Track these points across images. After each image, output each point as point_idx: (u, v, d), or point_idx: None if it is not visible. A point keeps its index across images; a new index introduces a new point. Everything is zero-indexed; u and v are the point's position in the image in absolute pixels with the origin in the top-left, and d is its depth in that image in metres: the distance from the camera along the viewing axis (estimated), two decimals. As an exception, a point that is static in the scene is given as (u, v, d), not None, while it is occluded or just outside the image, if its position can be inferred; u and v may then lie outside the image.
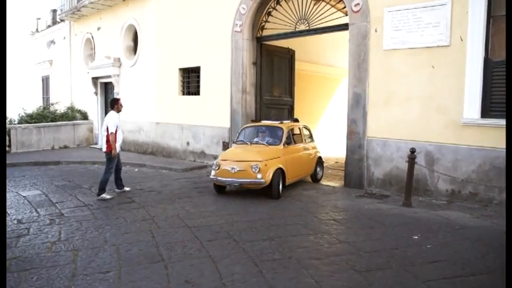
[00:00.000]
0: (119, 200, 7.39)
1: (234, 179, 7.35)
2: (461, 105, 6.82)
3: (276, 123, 8.51)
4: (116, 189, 8.02)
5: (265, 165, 7.24)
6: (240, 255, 4.61)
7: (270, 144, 7.92)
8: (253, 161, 7.29)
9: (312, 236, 5.29)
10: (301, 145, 8.57)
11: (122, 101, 8.22)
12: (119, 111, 7.95)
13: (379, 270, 4.16)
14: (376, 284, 3.85)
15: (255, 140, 8.26)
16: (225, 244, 4.98)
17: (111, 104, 8.05)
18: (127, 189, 8.11)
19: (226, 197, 7.63)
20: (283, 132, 8.03)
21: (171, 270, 4.22)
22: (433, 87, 7.13)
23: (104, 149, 7.79)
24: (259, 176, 7.17)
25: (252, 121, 9.46)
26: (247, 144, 8.16)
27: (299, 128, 8.83)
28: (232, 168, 7.29)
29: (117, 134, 7.73)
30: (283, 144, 7.86)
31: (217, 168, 7.50)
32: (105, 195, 7.52)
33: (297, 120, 9.20)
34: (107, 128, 7.72)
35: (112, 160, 7.75)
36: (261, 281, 3.94)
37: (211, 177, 7.65)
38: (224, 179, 7.45)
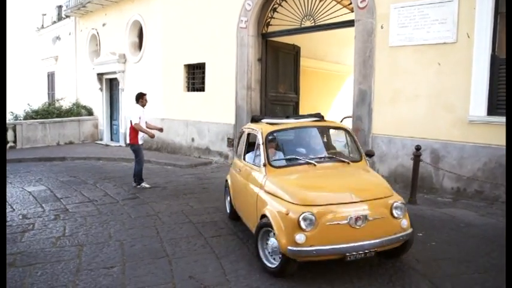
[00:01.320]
0: (124, 196, 7.41)
1: (364, 243, 3.71)
2: (468, 102, 6.76)
3: (321, 122, 5.38)
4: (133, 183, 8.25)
5: (402, 202, 4.04)
6: (245, 251, 4.61)
7: (349, 161, 4.69)
8: (385, 196, 4.01)
9: (316, 232, 5.26)
10: None
11: (147, 96, 8.27)
12: (143, 105, 8.09)
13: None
14: (380, 280, 3.84)
15: (322, 155, 4.76)
16: (229, 240, 4.98)
17: (137, 98, 8.15)
18: (147, 185, 8.18)
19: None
20: (352, 137, 5.03)
21: (175, 266, 4.23)
22: (440, 84, 7.07)
23: (128, 141, 8.15)
24: (404, 223, 3.94)
25: (255, 120, 5.50)
26: (312, 164, 4.50)
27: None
28: (357, 220, 3.71)
29: (140, 125, 7.91)
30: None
31: (312, 225, 3.65)
32: (144, 184, 8.04)
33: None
34: (131, 121, 7.92)
35: (139, 151, 8.05)
36: (265, 277, 3.93)
37: (292, 249, 3.63)
38: (340, 246, 3.68)
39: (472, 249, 4.65)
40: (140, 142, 8.06)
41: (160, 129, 8.49)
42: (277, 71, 10.91)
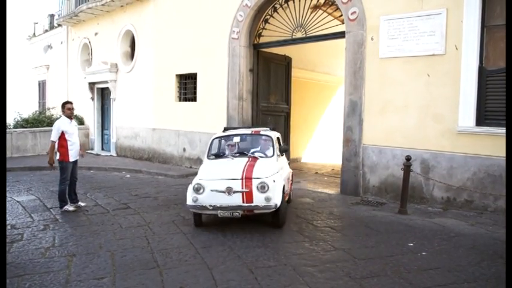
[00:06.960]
0: (114, 206, 7.36)
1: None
2: (457, 113, 6.85)
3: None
4: (70, 203, 7.19)
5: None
6: (235, 262, 4.60)
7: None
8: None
9: (308, 243, 5.28)
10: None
11: (71, 105, 7.19)
12: (67, 115, 7.10)
13: (374, 277, 4.16)
14: (371, 292, 3.85)
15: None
16: (220, 251, 4.97)
17: (62, 108, 7.27)
18: (82, 204, 7.34)
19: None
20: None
21: (166, 277, 4.21)
22: (429, 95, 7.17)
23: (57, 157, 7.08)
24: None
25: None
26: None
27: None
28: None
29: (68, 143, 6.98)
30: None
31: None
32: (67, 207, 7.03)
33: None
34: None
35: (66, 169, 7.05)
36: (256, 288, 3.93)
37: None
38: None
39: (462, 259, 4.68)
40: (72, 159, 7.06)
41: (81, 155, 7.40)
42: (269, 82, 10.97)
